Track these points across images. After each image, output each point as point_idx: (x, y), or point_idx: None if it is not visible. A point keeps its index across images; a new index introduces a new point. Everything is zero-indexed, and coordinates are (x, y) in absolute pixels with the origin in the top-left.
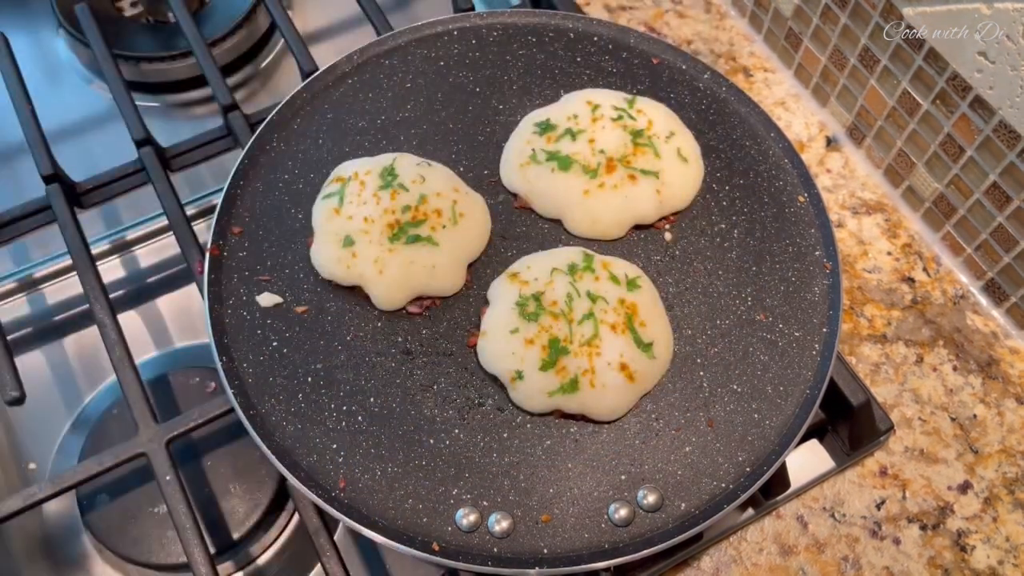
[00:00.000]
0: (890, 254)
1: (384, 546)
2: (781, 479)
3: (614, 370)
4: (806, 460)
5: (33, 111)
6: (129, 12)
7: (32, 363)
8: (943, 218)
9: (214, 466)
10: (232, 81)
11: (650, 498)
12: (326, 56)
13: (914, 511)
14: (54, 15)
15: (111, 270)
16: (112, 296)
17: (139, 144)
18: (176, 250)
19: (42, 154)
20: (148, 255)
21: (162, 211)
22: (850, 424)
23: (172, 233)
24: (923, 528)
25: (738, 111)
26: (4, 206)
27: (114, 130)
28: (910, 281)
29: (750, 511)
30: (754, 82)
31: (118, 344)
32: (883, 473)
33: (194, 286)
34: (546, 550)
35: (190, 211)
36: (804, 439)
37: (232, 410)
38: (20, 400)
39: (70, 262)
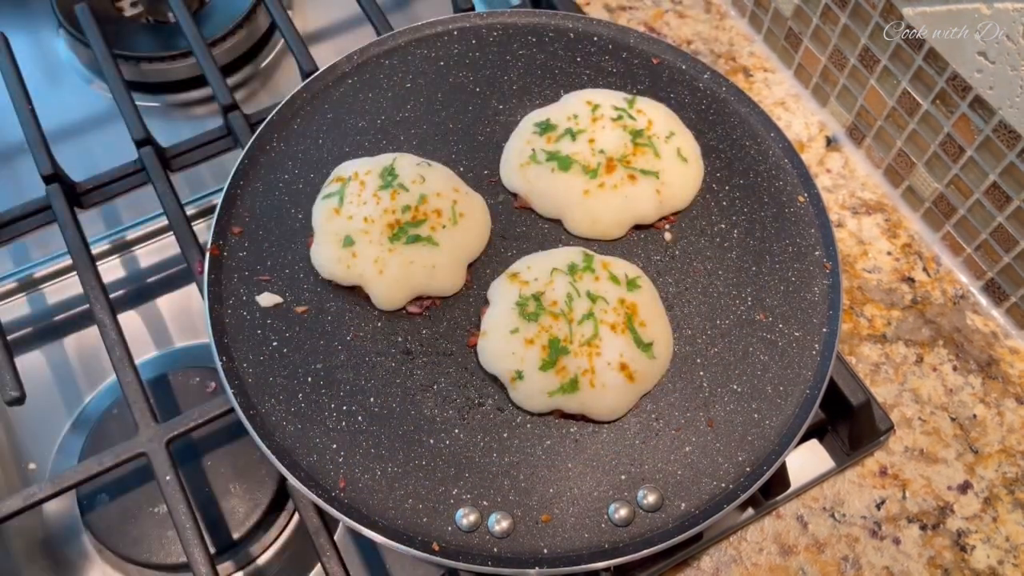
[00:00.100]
0: (890, 254)
1: (384, 546)
2: (781, 479)
3: (614, 370)
4: (806, 460)
5: (33, 111)
6: (129, 12)
7: (32, 363)
8: (943, 218)
9: (214, 466)
10: (232, 81)
11: (650, 498)
12: (326, 56)
13: (914, 511)
14: (54, 15)
15: (111, 270)
16: (112, 296)
17: (139, 144)
18: (176, 250)
19: (42, 154)
20: (148, 255)
21: (162, 211)
22: (850, 424)
23: (172, 233)
24: (923, 528)
25: (738, 111)
26: (4, 206)
27: (114, 130)
28: (910, 281)
29: (750, 511)
30: (754, 82)
31: (118, 344)
32: (883, 473)
33: (194, 286)
34: (546, 550)
35: (190, 211)
36: (804, 439)
37: (232, 410)
38: (20, 400)
39: (70, 262)
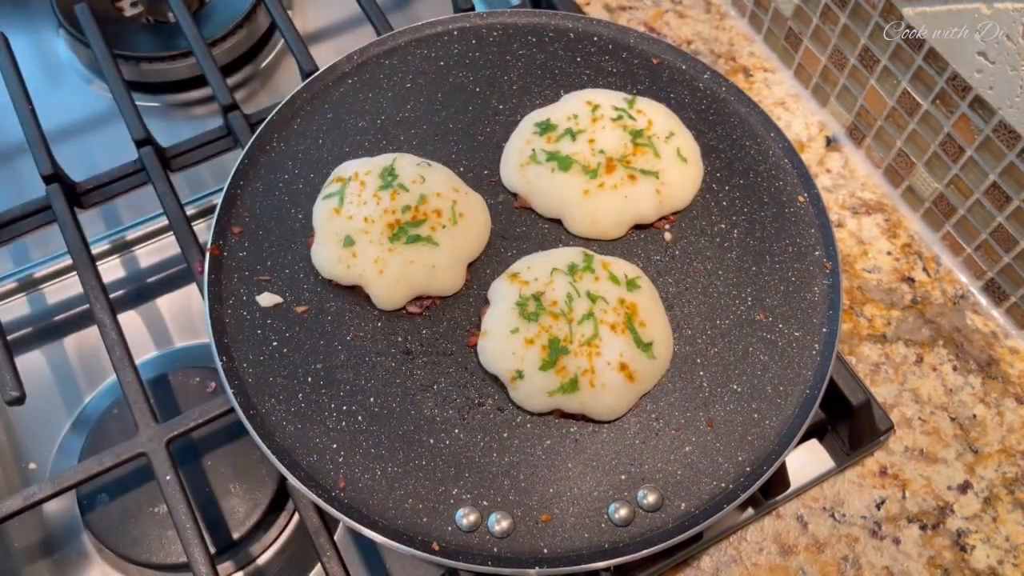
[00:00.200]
0: (890, 254)
1: (384, 546)
2: (781, 479)
3: (614, 370)
4: (806, 460)
5: (33, 111)
6: (129, 12)
7: (32, 363)
8: (943, 218)
9: (214, 466)
10: (232, 81)
11: (650, 498)
12: (326, 56)
13: (914, 511)
14: (54, 15)
15: (111, 270)
16: (112, 296)
17: (139, 144)
18: (176, 250)
19: (42, 154)
20: (148, 255)
21: (162, 211)
22: (850, 424)
23: (172, 233)
24: (923, 528)
25: (738, 111)
26: (4, 206)
27: (114, 130)
28: (910, 281)
29: (750, 511)
30: (754, 82)
31: (118, 344)
32: (883, 473)
33: (194, 286)
34: (546, 550)
35: (190, 211)
36: (804, 439)
37: (232, 410)
38: (20, 400)
39: (70, 262)
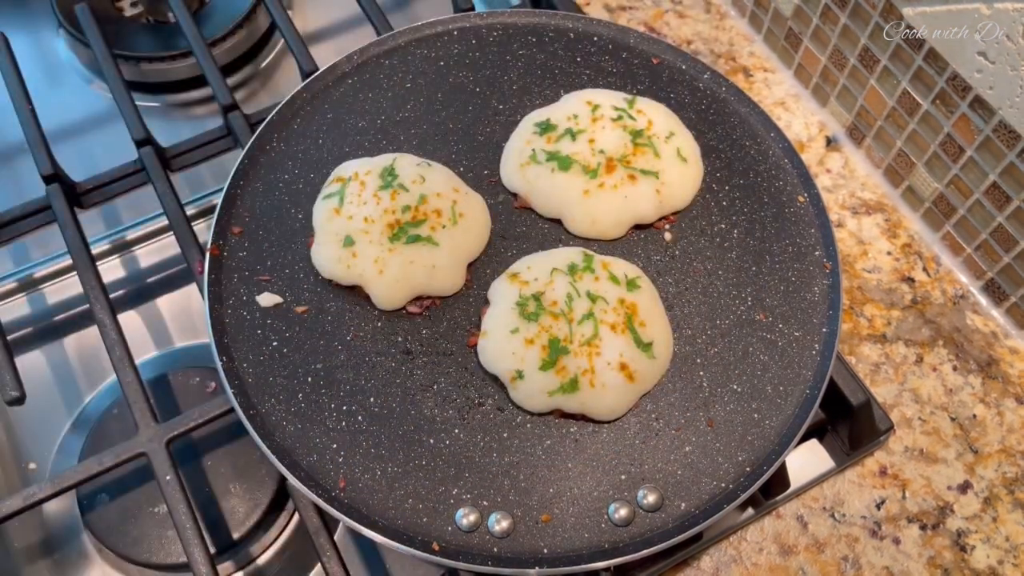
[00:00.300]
0: (890, 254)
1: (384, 546)
2: (781, 479)
3: (614, 370)
4: (806, 460)
5: (33, 111)
6: (129, 12)
7: (32, 363)
8: (943, 218)
9: (214, 466)
10: (232, 81)
11: (650, 498)
12: (326, 56)
13: (914, 511)
14: (54, 15)
15: (111, 270)
16: (112, 296)
17: (139, 144)
18: (176, 250)
19: (42, 154)
20: (148, 255)
21: (162, 211)
22: (850, 424)
23: (172, 233)
24: (923, 528)
25: (738, 111)
26: (4, 206)
27: (114, 130)
28: (910, 281)
29: (750, 511)
30: (754, 82)
31: (118, 344)
32: (883, 473)
33: (194, 286)
34: (546, 550)
35: (190, 211)
36: (804, 439)
37: (232, 410)
38: (20, 400)
39: (70, 262)
